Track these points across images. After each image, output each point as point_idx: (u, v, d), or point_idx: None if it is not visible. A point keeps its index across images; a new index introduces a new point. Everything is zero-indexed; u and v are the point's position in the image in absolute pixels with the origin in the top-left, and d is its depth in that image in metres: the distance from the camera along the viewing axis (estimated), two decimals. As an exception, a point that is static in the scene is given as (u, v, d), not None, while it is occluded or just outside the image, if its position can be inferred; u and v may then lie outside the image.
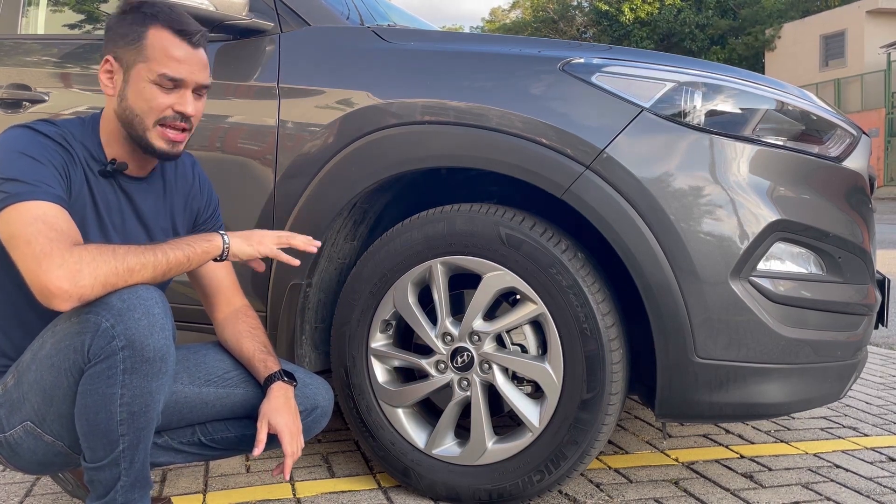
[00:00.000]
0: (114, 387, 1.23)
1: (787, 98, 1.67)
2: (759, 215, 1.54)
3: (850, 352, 1.69)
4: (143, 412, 1.26)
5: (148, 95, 1.36)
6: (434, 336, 1.71)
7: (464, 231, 1.66)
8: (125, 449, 1.27)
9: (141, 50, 1.35)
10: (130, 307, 1.23)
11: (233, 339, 1.56)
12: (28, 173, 1.27)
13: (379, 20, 2.26)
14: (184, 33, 1.37)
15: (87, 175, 1.39)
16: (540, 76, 1.66)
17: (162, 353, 1.25)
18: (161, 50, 1.35)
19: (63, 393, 1.28)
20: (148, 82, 1.36)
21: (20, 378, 1.33)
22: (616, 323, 1.61)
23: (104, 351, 1.22)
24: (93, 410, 1.24)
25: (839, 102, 21.64)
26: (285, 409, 1.46)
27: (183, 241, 1.35)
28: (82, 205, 1.37)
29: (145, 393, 1.25)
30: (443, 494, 1.74)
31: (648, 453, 2.12)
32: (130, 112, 1.37)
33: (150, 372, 1.24)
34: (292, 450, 1.44)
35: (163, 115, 1.37)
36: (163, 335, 1.25)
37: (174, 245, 1.32)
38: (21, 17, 2.26)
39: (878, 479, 1.94)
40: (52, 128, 1.36)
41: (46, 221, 1.23)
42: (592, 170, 1.55)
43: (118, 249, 1.25)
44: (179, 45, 1.36)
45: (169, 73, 1.35)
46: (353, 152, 1.73)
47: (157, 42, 1.35)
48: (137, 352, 1.22)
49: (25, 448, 1.36)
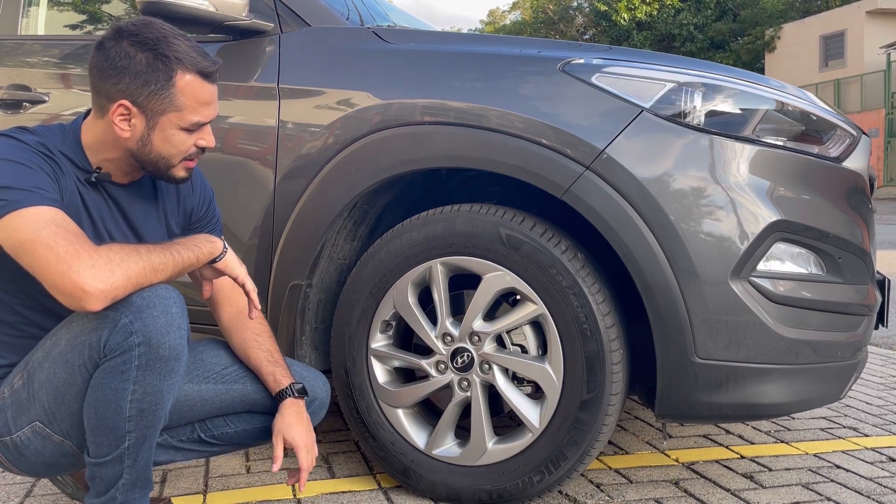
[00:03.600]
0: (126, 382, 1.24)
1: (786, 98, 1.67)
2: (759, 215, 1.54)
3: (851, 352, 1.69)
4: (152, 410, 1.27)
5: (177, 141, 1.35)
6: (434, 336, 1.71)
7: (464, 231, 1.66)
8: (130, 446, 1.27)
9: (171, 99, 1.31)
10: (150, 304, 1.24)
11: (240, 348, 1.57)
12: (21, 180, 1.24)
13: (379, 21, 2.26)
14: (209, 76, 1.35)
15: (77, 184, 1.36)
16: (540, 77, 1.66)
17: (177, 352, 1.26)
18: (192, 98, 1.32)
19: (76, 390, 1.28)
20: (178, 129, 1.34)
21: (30, 377, 1.33)
22: (616, 323, 1.61)
23: (121, 346, 1.23)
24: (103, 404, 1.25)
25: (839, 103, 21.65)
26: (298, 424, 1.48)
27: (191, 242, 1.36)
28: (76, 213, 1.35)
29: (156, 391, 1.26)
30: (443, 495, 1.74)
31: (648, 453, 2.12)
32: (156, 155, 1.36)
33: (164, 370, 1.25)
34: (308, 463, 1.47)
35: (189, 153, 1.38)
36: (178, 334, 1.26)
37: (184, 245, 1.33)
38: (21, 18, 2.26)
39: (878, 480, 1.94)
40: (31, 136, 1.33)
41: (59, 224, 1.22)
42: (592, 170, 1.55)
43: (140, 249, 1.26)
44: (205, 87, 1.34)
45: (202, 121, 1.36)
46: (353, 153, 1.73)
47: (188, 90, 1.32)
48: (153, 349, 1.23)
49: (32, 449, 1.35)
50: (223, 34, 1.89)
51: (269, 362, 1.53)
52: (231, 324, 1.59)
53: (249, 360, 1.55)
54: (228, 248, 1.42)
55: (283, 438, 1.46)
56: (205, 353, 1.56)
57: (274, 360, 1.54)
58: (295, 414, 1.49)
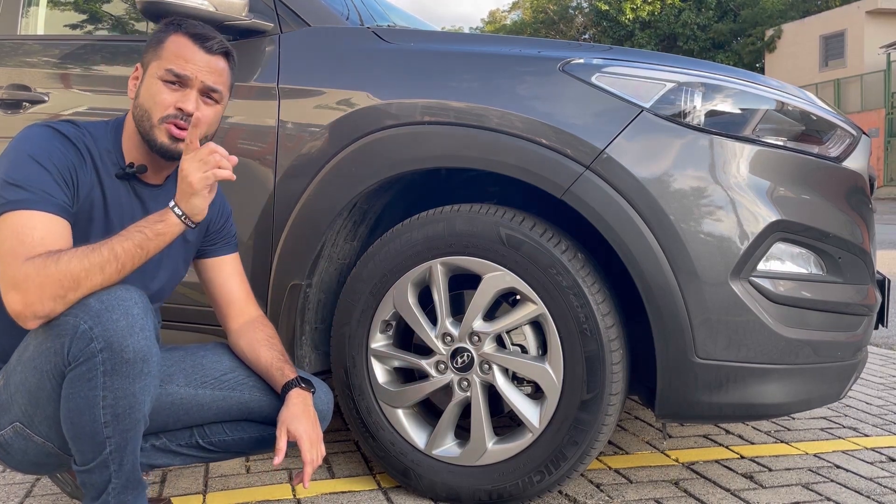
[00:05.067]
0: (95, 389, 1.22)
1: (786, 98, 1.67)
2: (759, 215, 1.54)
3: (850, 352, 1.69)
4: (127, 414, 1.25)
5: (154, 91, 1.39)
6: (434, 336, 1.71)
7: (464, 231, 1.66)
8: (112, 451, 1.26)
9: (159, 52, 1.41)
10: (108, 308, 1.22)
11: (249, 348, 1.55)
12: (30, 179, 1.28)
13: (379, 21, 2.26)
14: (199, 37, 1.41)
15: (101, 176, 1.40)
16: (540, 76, 1.66)
17: (143, 353, 1.23)
18: (174, 50, 1.40)
19: (47, 395, 1.28)
20: (156, 79, 1.39)
21: (8, 380, 1.34)
22: (616, 323, 1.61)
23: (83, 353, 1.21)
24: (76, 414, 1.24)
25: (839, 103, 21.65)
26: (304, 416, 1.43)
27: (133, 228, 1.29)
28: (90, 205, 1.38)
29: (128, 395, 1.24)
30: (443, 495, 1.74)
31: (648, 454, 2.12)
32: (141, 109, 1.40)
33: (132, 373, 1.23)
34: (311, 457, 1.41)
35: (166, 112, 1.38)
36: (143, 335, 1.23)
37: (123, 236, 1.27)
38: (21, 18, 2.26)
39: (878, 480, 1.94)
40: (72, 129, 1.38)
41: (20, 235, 1.24)
42: (592, 170, 1.55)
43: (62, 257, 1.22)
44: (192, 47, 1.41)
45: (175, 70, 1.38)
46: (353, 153, 1.73)
47: (173, 45, 1.41)
48: (117, 353, 1.21)
49: (17, 448, 1.36)
50: (223, 34, 1.88)
51: (280, 360, 1.53)
52: (240, 331, 1.58)
53: (260, 360, 1.53)
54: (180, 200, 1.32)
55: (287, 430, 1.41)
56: (206, 358, 1.55)
57: (285, 359, 1.54)
58: (301, 405, 1.45)
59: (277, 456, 1.39)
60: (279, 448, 1.40)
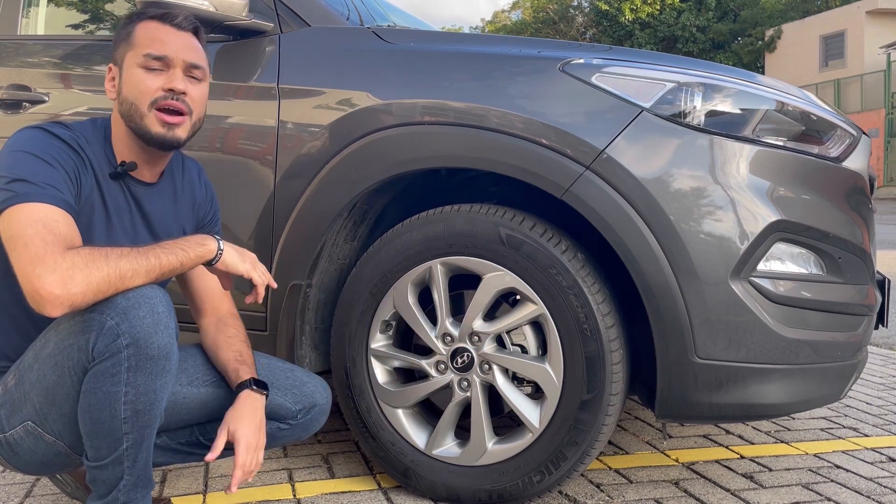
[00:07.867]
0: (118, 385, 1.23)
1: (786, 98, 1.67)
2: (759, 216, 1.54)
3: (850, 352, 1.69)
4: (147, 410, 1.26)
5: (137, 80, 1.38)
6: (434, 337, 1.71)
7: (464, 231, 1.66)
8: (129, 447, 1.27)
9: (131, 42, 1.40)
10: (135, 305, 1.23)
11: (211, 349, 1.56)
12: (38, 175, 1.27)
13: (379, 21, 2.26)
14: (166, 17, 1.42)
15: (98, 178, 1.40)
16: (540, 77, 1.66)
17: (166, 351, 1.25)
18: (146, 35, 1.40)
19: (66, 392, 1.28)
20: (136, 68, 1.39)
21: (21, 377, 1.33)
22: (616, 323, 1.61)
23: (109, 349, 1.22)
24: (97, 408, 1.24)
25: (839, 103, 21.64)
26: (249, 420, 1.42)
27: (177, 245, 1.33)
28: (91, 208, 1.38)
29: (150, 391, 1.25)
30: (443, 495, 1.74)
31: (648, 454, 2.12)
32: (127, 103, 1.39)
33: (155, 370, 1.24)
34: (243, 461, 1.38)
35: (154, 96, 1.38)
36: (167, 333, 1.25)
37: (168, 249, 1.30)
38: (21, 18, 2.26)
39: (878, 480, 1.94)
40: (65, 131, 1.37)
41: (47, 224, 1.22)
42: (592, 170, 1.55)
43: (111, 254, 1.23)
44: (163, 28, 1.41)
45: (153, 52, 1.38)
46: (353, 153, 1.73)
47: (144, 31, 1.41)
48: (142, 350, 1.22)
49: (26, 448, 1.35)
50: (223, 34, 1.89)
51: (237, 361, 1.51)
52: (207, 327, 1.59)
53: (218, 360, 1.53)
54: (226, 246, 1.39)
55: (228, 431, 1.40)
56: (202, 357, 1.57)
57: (242, 359, 1.52)
58: (248, 408, 1.43)
59: (211, 453, 1.39)
60: (215, 446, 1.40)
